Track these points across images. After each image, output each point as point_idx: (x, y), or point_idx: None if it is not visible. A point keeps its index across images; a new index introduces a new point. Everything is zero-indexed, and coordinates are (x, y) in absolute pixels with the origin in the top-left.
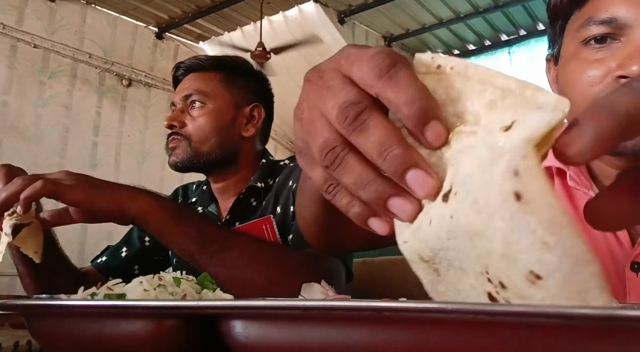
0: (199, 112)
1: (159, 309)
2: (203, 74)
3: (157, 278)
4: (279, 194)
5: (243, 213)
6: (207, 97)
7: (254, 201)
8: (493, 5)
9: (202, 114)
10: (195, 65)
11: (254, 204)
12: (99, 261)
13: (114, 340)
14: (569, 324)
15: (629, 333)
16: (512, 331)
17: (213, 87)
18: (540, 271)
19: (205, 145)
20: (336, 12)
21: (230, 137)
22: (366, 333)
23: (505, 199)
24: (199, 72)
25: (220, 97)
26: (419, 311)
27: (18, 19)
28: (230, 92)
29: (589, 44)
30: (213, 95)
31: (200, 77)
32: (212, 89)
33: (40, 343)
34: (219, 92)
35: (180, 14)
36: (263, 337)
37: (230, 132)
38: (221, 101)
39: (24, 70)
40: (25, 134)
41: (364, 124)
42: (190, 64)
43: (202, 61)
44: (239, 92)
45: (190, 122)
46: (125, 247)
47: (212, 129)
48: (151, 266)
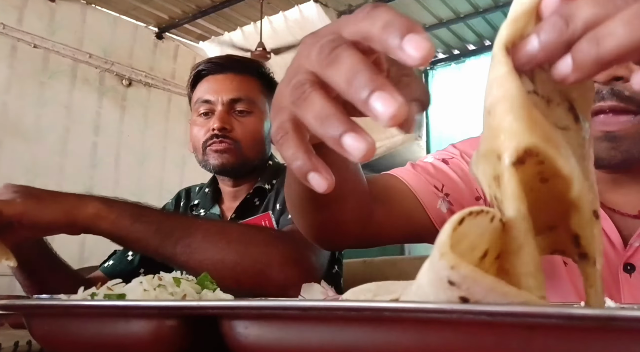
0: (247, 118)
1: (159, 309)
2: (244, 77)
3: (157, 278)
4: (279, 191)
5: (246, 212)
6: (254, 103)
7: (257, 200)
8: (493, 5)
9: (251, 121)
10: (236, 65)
11: (257, 203)
12: (106, 266)
13: (114, 340)
14: (569, 324)
15: (629, 333)
16: (512, 331)
17: (258, 93)
18: None
19: (253, 152)
20: (336, 12)
21: (268, 144)
22: (366, 333)
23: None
24: (239, 74)
25: (262, 104)
26: (419, 311)
27: (18, 19)
28: (267, 100)
29: None
30: (258, 103)
31: (243, 80)
32: (257, 96)
33: (40, 343)
34: (261, 99)
35: (180, 14)
36: (263, 337)
37: (268, 139)
38: (263, 109)
39: (24, 70)
40: (25, 134)
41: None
42: (230, 63)
43: (244, 63)
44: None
45: (239, 127)
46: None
47: (259, 138)
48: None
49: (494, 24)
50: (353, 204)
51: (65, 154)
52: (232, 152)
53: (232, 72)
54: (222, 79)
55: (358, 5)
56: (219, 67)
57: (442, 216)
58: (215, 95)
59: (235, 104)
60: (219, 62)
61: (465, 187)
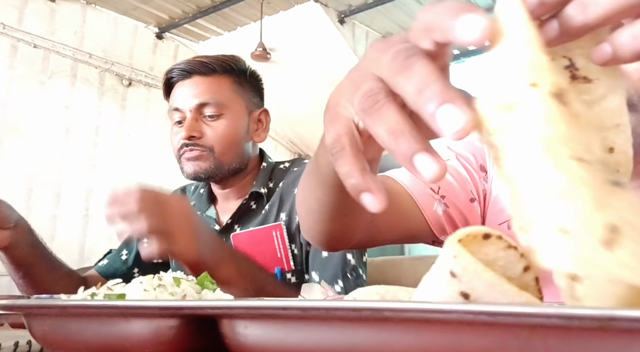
0: (217, 122)
1: (159, 309)
2: (212, 78)
3: (157, 278)
4: (284, 199)
5: (242, 217)
6: (223, 105)
7: (253, 204)
8: (493, 5)
9: (221, 124)
10: (200, 68)
11: (253, 207)
12: (100, 265)
13: (114, 340)
14: (569, 324)
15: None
16: (512, 331)
17: (227, 94)
18: None
19: (228, 156)
20: (336, 12)
21: (246, 145)
22: (366, 333)
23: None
24: (206, 76)
25: (235, 104)
26: (419, 311)
27: (18, 19)
28: (242, 98)
29: None
30: (229, 103)
31: (210, 82)
32: (227, 96)
33: (40, 343)
34: (234, 99)
35: (180, 14)
36: (263, 337)
37: (246, 139)
38: (236, 109)
39: (24, 70)
40: (25, 134)
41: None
42: (195, 66)
43: (209, 63)
44: (248, 96)
45: (209, 132)
46: (125, 250)
47: (232, 140)
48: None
49: None
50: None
51: (65, 154)
52: (204, 159)
53: (197, 75)
54: (188, 84)
55: (358, 5)
56: (185, 73)
57: (438, 218)
58: (182, 102)
59: (203, 108)
60: (183, 68)
61: (460, 189)
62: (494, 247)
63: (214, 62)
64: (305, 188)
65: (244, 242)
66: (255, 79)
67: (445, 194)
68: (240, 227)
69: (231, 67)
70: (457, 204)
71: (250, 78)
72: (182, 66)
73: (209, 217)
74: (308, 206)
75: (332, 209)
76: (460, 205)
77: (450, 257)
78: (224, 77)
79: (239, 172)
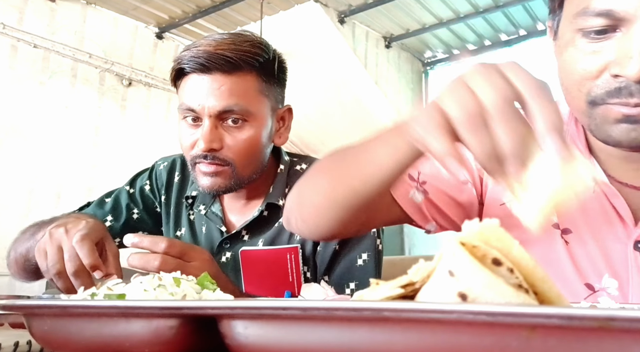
0: (240, 132)
1: (159, 309)
2: (235, 77)
3: (157, 278)
4: None
5: (254, 225)
6: (248, 112)
7: (266, 212)
8: (493, 5)
9: (245, 133)
10: (223, 64)
11: (265, 214)
12: None
13: (113, 340)
14: (569, 324)
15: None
16: (512, 331)
17: (253, 96)
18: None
19: (249, 169)
20: (336, 12)
21: (268, 151)
22: (366, 333)
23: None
24: (228, 74)
25: (261, 107)
26: (419, 311)
27: (18, 19)
28: (268, 98)
29: (586, 33)
30: (254, 108)
31: (234, 82)
32: (252, 100)
33: (40, 343)
34: (260, 102)
35: (180, 14)
36: (263, 337)
37: (268, 144)
38: (262, 113)
39: (24, 70)
40: (25, 134)
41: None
42: (216, 61)
43: (233, 59)
44: (274, 93)
45: (231, 142)
46: (111, 216)
47: (255, 151)
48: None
49: (494, 24)
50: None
51: (65, 154)
52: (223, 176)
53: (219, 72)
54: (206, 81)
55: (358, 5)
56: (202, 67)
57: (416, 205)
58: (199, 103)
59: (225, 114)
60: (201, 62)
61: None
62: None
63: (238, 57)
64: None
65: (253, 261)
66: (282, 71)
67: (427, 179)
68: (249, 235)
69: (257, 60)
70: (442, 188)
71: (278, 71)
72: (200, 59)
73: (214, 214)
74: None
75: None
76: (448, 188)
77: (449, 256)
78: (249, 75)
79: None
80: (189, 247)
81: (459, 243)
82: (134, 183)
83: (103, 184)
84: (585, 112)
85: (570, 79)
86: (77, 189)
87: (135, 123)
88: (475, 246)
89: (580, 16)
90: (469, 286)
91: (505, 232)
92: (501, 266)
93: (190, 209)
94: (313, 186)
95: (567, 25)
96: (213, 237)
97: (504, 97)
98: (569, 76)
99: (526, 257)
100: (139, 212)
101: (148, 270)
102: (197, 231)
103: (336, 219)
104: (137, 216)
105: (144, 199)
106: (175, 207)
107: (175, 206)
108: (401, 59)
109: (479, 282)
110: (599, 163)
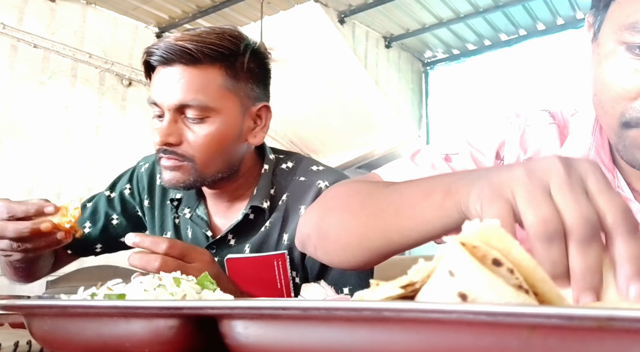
0: (200, 126)
1: (159, 309)
2: (197, 69)
3: (157, 278)
4: (287, 217)
5: (239, 229)
6: (208, 107)
7: (252, 215)
8: (493, 5)
9: (206, 129)
10: (183, 55)
11: (251, 217)
12: None
13: (113, 340)
14: (569, 324)
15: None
16: (512, 331)
17: (216, 91)
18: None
19: (212, 167)
20: (336, 12)
21: (237, 150)
22: (366, 333)
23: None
24: (189, 66)
25: (225, 103)
26: (419, 311)
27: (18, 18)
28: (235, 94)
29: (630, 48)
30: (216, 103)
31: (194, 76)
32: (214, 95)
33: (40, 343)
34: (224, 97)
35: (180, 14)
36: (263, 337)
37: (238, 143)
38: (227, 109)
39: (24, 70)
40: (25, 134)
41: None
42: (176, 53)
43: (193, 51)
44: (245, 89)
45: (191, 137)
46: (89, 222)
47: (219, 148)
48: (116, 246)
49: (494, 24)
50: None
51: (65, 154)
52: (182, 170)
53: (180, 64)
54: (168, 74)
55: (358, 5)
56: (164, 59)
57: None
58: (160, 96)
59: (184, 109)
60: (161, 54)
61: None
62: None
63: (200, 49)
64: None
65: (239, 268)
66: (257, 65)
67: None
68: (235, 240)
69: (222, 53)
70: None
71: (251, 64)
72: (160, 51)
73: (199, 217)
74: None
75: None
76: None
77: (449, 256)
78: (213, 68)
79: (230, 176)
80: (190, 248)
81: (459, 243)
82: (114, 187)
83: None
84: (615, 131)
85: (606, 94)
86: (77, 189)
87: (135, 123)
88: (475, 246)
89: (628, 30)
90: (469, 286)
91: (506, 233)
92: (501, 266)
93: (176, 212)
94: (341, 223)
95: (611, 34)
96: (199, 242)
97: (588, 221)
98: (606, 92)
99: (527, 258)
100: (118, 217)
101: (148, 270)
102: (182, 236)
103: (364, 259)
104: (117, 221)
105: (124, 204)
106: (160, 210)
107: (160, 208)
108: (401, 59)
109: (479, 282)
110: (623, 175)
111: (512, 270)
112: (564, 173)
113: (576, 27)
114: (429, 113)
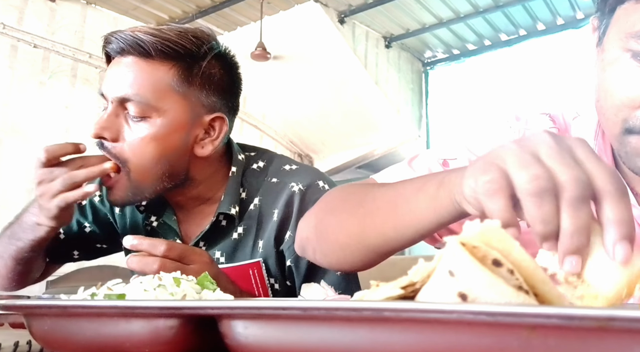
0: (140, 127)
1: (159, 309)
2: (147, 63)
3: (157, 278)
4: (262, 222)
5: (210, 236)
6: (150, 106)
7: (224, 221)
8: (493, 5)
9: (146, 132)
10: (134, 46)
11: (223, 224)
12: None
13: (113, 340)
14: (569, 324)
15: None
16: (512, 331)
17: (162, 90)
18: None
19: (148, 176)
20: (336, 12)
21: (180, 159)
22: (366, 333)
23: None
24: (140, 59)
25: (171, 105)
26: (419, 311)
27: (18, 18)
28: (185, 98)
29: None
30: (160, 103)
31: (142, 69)
32: (160, 95)
33: (40, 343)
34: (170, 98)
35: (180, 14)
36: (263, 337)
37: (180, 152)
38: (172, 112)
39: (24, 70)
40: (25, 134)
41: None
42: (128, 43)
43: (144, 44)
44: (198, 95)
45: (127, 137)
46: (63, 230)
47: (156, 154)
48: (94, 252)
49: (494, 24)
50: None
51: None
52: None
53: (132, 56)
54: (118, 65)
55: (358, 5)
56: (117, 48)
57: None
58: (106, 87)
59: (125, 104)
60: (116, 42)
61: None
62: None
63: (153, 43)
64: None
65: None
66: (221, 72)
67: None
68: (207, 247)
69: (177, 52)
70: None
71: (212, 70)
72: (116, 40)
73: (168, 226)
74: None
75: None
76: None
77: (449, 256)
78: (164, 65)
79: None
80: (189, 249)
81: (459, 243)
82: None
83: None
84: (617, 138)
85: (609, 101)
86: None
87: None
88: (475, 246)
89: (634, 38)
90: (469, 286)
91: (506, 234)
92: (501, 266)
93: (146, 219)
94: (338, 224)
95: (616, 41)
96: None
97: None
98: (609, 98)
99: (527, 258)
100: (90, 225)
101: (147, 273)
102: None
103: (362, 259)
104: (89, 229)
105: (95, 212)
106: (131, 218)
107: (131, 216)
108: (401, 59)
109: (479, 283)
110: (625, 180)
111: (512, 271)
112: (553, 143)
113: (576, 27)
114: (429, 113)
